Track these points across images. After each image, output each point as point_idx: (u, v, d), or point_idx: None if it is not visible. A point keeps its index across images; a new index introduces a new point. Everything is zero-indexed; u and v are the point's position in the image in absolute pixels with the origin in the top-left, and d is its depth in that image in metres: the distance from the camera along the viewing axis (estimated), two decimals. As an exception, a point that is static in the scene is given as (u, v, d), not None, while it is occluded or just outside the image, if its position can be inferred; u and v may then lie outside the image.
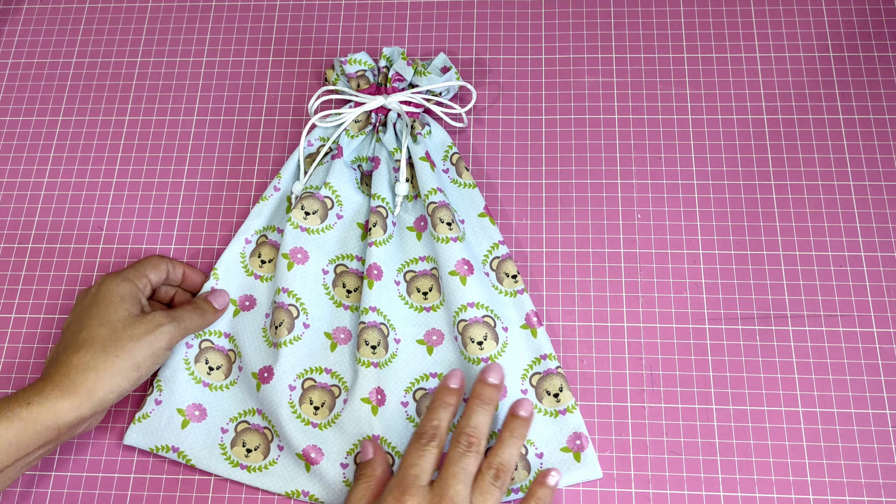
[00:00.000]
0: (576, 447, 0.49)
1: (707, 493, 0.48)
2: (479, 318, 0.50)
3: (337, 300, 0.53)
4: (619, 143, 0.57)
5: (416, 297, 0.52)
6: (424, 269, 0.53)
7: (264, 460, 0.49)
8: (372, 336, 0.50)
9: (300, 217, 0.52)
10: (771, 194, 0.55)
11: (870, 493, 0.48)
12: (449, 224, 0.52)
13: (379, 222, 0.52)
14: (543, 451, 0.49)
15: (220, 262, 0.53)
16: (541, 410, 0.50)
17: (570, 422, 0.49)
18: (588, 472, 0.48)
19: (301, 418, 0.49)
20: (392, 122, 0.55)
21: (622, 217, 0.55)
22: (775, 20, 0.60)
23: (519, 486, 0.48)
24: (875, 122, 0.56)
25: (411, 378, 0.51)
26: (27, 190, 0.58)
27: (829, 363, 0.51)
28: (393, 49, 0.56)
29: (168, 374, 0.51)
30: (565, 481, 0.48)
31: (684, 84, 0.58)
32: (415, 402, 0.50)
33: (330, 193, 0.53)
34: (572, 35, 0.60)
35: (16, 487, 0.51)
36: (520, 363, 0.51)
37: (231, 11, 0.63)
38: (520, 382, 0.50)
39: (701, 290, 0.53)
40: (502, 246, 0.53)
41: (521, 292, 0.52)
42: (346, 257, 0.53)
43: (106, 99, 0.61)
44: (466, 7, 0.62)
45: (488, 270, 0.53)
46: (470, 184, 0.55)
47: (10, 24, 0.64)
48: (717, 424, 0.50)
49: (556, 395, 0.50)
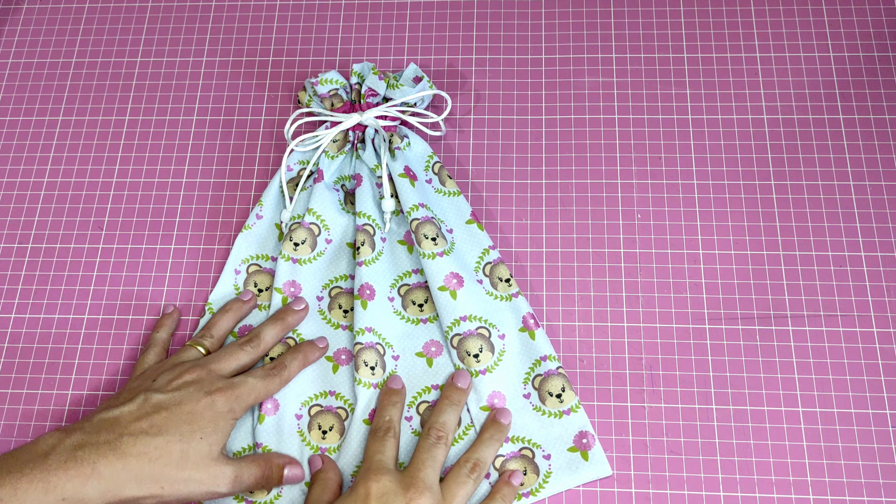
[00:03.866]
0: (583, 446, 0.49)
1: (707, 493, 0.48)
2: (472, 332, 0.50)
3: (335, 322, 0.52)
4: (619, 143, 0.57)
5: (413, 309, 0.52)
6: (419, 282, 0.53)
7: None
8: (370, 357, 0.50)
9: (290, 249, 0.53)
10: (771, 194, 0.55)
11: (870, 493, 0.48)
12: (434, 239, 0.52)
13: (366, 240, 0.52)
14: (551, 453, 0.49)
15: (212, 295, 0.53)
16: (545, 413, 0.50)
17: (575, 421, 0.49)
18: (597, 471, 0.48)
19: (311, 446, 0.49)
20: (370, 139, 0.55)
21: (622, 217, 0.55)
22: (775, 20, 0.60)
23: (529, 490, 0.48)
24: (875, 122, 0.56)
25: (413, 392, 0.51)
26: (27, 190, 0.58)
27: (829, 363, 0.51)
28: (363, 64, 0.55)
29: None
30: (576, 481, 0.48)
31: (684, 84, 0.58)
32: (418, 415, 0.50)
33: (315, 220, 0.53)
34: (572, 35, 0.60)
35: (16, 487, 0.51)
36: (520, 368, 0.51)
37: (231, 11, 0.63)
38: (521, 387, 0.50)
39: (701, 290, 0.53)
40: (493, 251, 0.53)
41: (515, 295, 0.52)
42: (340, 278, 0.53)
43: (106, 99, 0.61)
44: (466, 7, 0.62)
45: (481, 277, 0.53)
46: (454, 192, 0.55)
47: (10, 24, 0.64)
48: (717, 424, 0.50)
49: (559, 396, 0.50)
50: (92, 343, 0.54)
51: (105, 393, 0.52)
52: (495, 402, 0.50)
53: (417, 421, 0.50)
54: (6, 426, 0.52)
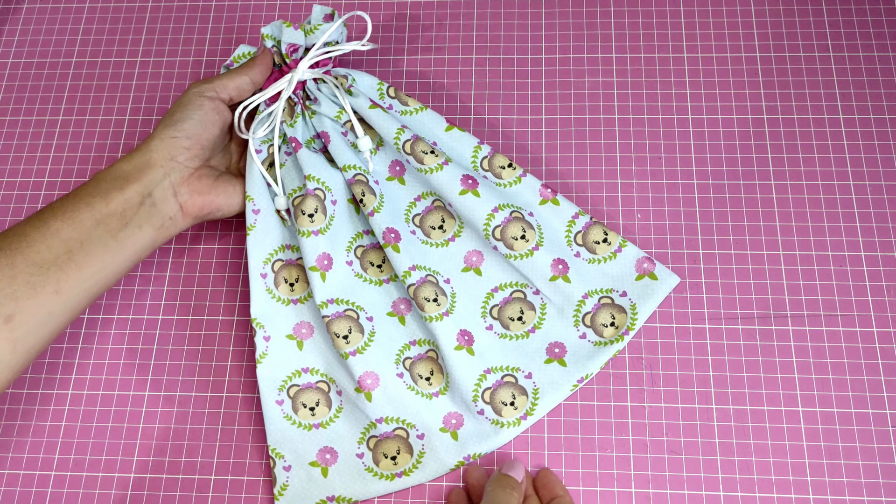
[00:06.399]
0: (645, 270, 0.52)
1: (707, 493, 0.48)
2: (509, 218, 0.51)
3: (376, 280, 0.52)
4: (619, 143, 0.57)
5: (436, 234, 0.53)
6: (427, 206, 0.53)
7: (411, 460, 0.49)
8: (428, 291, 0.50)
9: (307, 223, 0.50)
10: (771, 194, 0.55)
11: (870, 493, 0.48)
12: (432, 152, 0.51)
13: (365, 190, 0.51)
14: (626, 290, 0.51)
15: (252, 311, 0.51)
16: (599, 261, 0.52)
17: (629, 254, 0.52)
18: (669, 283, 0.51)
19: (418, 393, 0.50)
20: (316, 90, 0.53)
21: (622, 217, 0.55)
22: (775, 20, 0.60)
23: (625, 327, 0.50)
24: (875, 122, 0.56)
25: (480, 302, 0.52)
26: (27, 190, 0.58)
27: (829, 363, 0.51)
28: (272, 25, 0.53)
29: (279, 437, 0.50)
30: (656, 301, 0.51)
31: (684, 84, 0.58)
32: (494, 319, 0.52)
33: (318, 185, 0.51)
34: (572, 35, 0.60)
35: (16, 487, 0.51)
36: (557, 237, 0.52)
37: (231, 11, 0.63)
38: (569, 250, 0.52)
39: (701, 290, 0.53)
40: (483, 145, 0.53)
41: (523, 175, 0.53)
42: (357, 237, 0.53)
43: (106, 99, 0.61)
44: (466, 7, 0.62)
45: (483, 173, 0.53)
46: (420, 107, 0.54)
47: (10, 24, 0.64)
48: (717, 424, 0.50)
49: (605, 240, 0.52)
50: (92, 343, 0.54)
51: (104, 393, 0.52)
52: (559, 266, 0.52)
53: (499, 325, 0.51)
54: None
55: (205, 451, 0.51)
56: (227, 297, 0.55)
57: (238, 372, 0.53)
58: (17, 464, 0.51)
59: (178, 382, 0.53)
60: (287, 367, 0.51)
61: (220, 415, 0.52)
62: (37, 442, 0.52)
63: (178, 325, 0.54)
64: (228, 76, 0.51)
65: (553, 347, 0.51)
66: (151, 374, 0.53)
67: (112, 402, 0.52)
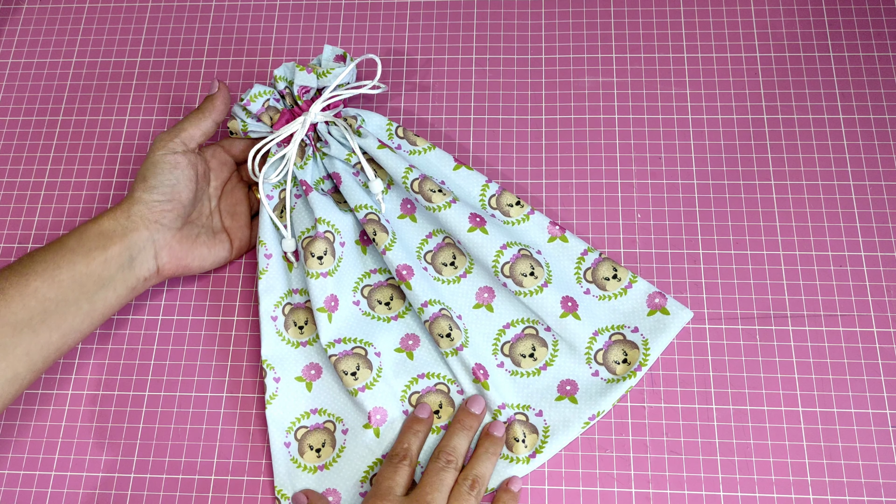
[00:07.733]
0: (657, 305, 0.51)
1: (707, 493, 0.48)
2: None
3: (385, 317, 0.53)
4: (619, 143, 0.57)
5: (448, 270, 0.53)
6: (439, 244, 0.53)
7: None
8: (443, 326, 0.50)
9: (316, 265, 0.51)
10: (771, 194, 0.55)
11: (870, 493, 0.48)
12: (440, 191, 0.52)
13: (377, 228, 0.52)
14: (637, 325, 0.51)
15: (263, 353, 0.51)
16: (609, 298, 0.52)
17: (640, 289, 0.52)
18: (682, 318, 0.51)
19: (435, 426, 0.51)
20: (327, 133, 0.54)
21: (622, 217, 0.55)
22: (775, 20, 0.60)
23: (626, 374, 0.50)
24: (875, 122, 0.56)
25: (492, 339, 0.52)
26: (27, 190, 0.58)
27: (829, 363, 0.51)
28: (284, 66, 0.54)
29: (285, 479, 0.50)
30: (669, 337, 0.51)
31: (684, 84, 0.58)
32: (505, 356, 0.51)
33: (328, 227, 0.52)
34: (572, 35, 0.60)
35: (16, 487, 0.51)
36: (566, 274, 0.52)
37: (231, 11, 0.63)
38: (578, 287, 0.52)
39: (701, 290, 0.53)
40: (491, 184, 0.54)
41: (532, 213, 0.53)
42: (364, 276, 0.53)
43: (106, 99, 0.61)
44: (466, 7, 0.62)
45: (491, 212, 0.53)
46: (428, 147, 0.55)
47: (10, 24, 0.64)
48: (717, 424, 0.50)
49: (616, 276, 0.52)
50: (92, 343, 0.54)
51: (104, 393, 0.53)
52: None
53: (510, 363, 0.51)
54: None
55: (205, 451, 0.51)
56: (227, 297, 0.55)
57: (238, 372, 0.53)
58: (17, 464, 0.51)
59: (178, 382, 0.53)
60: (296, 408, 0.51)
61: (221, 415, 0.52)
62: (37, 442, 0.52)
63: (179, 325, 0.54)
64: (192, 123, 0.51)
65: (565, 385, 0.51)
66: (151, 375, 0.53)
67: (111, 402, 0.52)
